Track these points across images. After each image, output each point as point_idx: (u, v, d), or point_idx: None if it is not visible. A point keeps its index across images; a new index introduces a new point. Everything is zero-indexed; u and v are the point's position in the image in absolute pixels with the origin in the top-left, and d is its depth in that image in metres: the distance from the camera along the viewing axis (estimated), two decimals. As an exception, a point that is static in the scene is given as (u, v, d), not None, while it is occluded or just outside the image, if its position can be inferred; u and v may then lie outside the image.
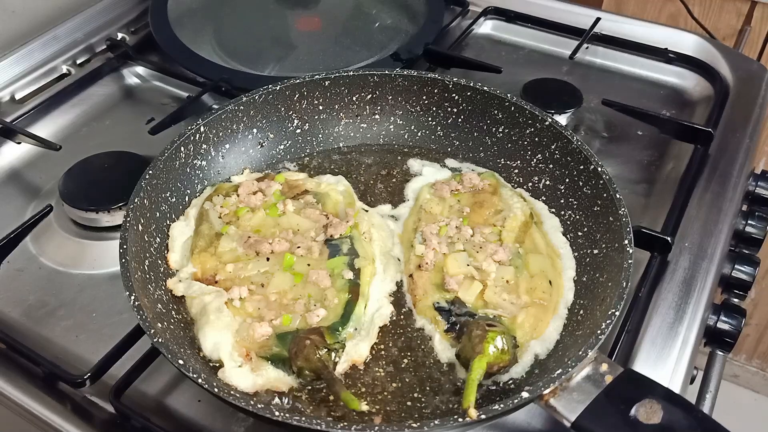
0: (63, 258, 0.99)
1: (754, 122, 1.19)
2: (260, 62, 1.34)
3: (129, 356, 0.82)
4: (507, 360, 0.77)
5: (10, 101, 1.24)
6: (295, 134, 1.06)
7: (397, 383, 0.79)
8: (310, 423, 0.65)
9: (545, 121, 0.97)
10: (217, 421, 0.80)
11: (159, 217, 0.90)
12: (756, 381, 2.43)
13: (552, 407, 0.69)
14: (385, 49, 1.34)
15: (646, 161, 1.14)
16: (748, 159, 1.13)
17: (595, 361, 0.71)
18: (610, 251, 0.84)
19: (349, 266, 0.87)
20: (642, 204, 1.07)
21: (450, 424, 0.67)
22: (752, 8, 1.63)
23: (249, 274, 0.86)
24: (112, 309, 0.91)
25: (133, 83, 1.33)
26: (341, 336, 0.80)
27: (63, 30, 1.32)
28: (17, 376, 0.84)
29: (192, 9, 1.46)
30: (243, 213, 0.93)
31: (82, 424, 0.79)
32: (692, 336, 0.88)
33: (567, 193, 0.95)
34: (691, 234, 1.00)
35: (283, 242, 0.89)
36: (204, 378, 0.68)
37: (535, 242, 0.91)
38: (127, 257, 0.79)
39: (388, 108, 1.08)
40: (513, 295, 0.84)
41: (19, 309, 0.92)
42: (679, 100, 1.28)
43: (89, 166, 1.07)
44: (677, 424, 0.66)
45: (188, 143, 0.95)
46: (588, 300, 0.84)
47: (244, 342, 0.79)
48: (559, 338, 0.82)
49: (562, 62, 1.35)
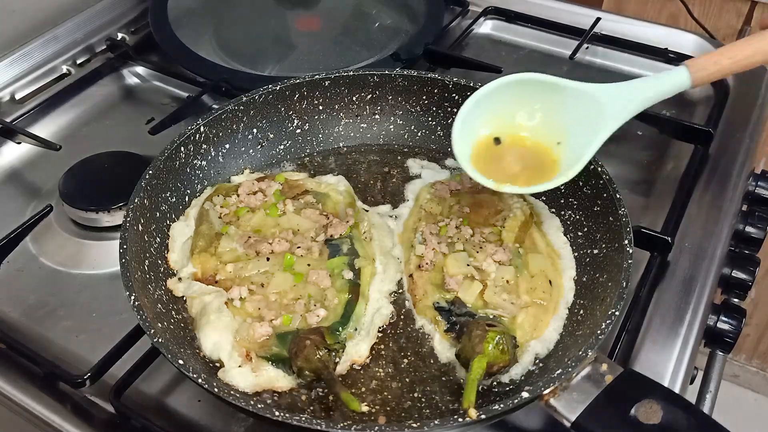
0: (63, 258, 0.99)
1: (754, 122, 1.19)
2: (260, 62, 1.34)
3: (129, 356, 0.82)
4: (507, 360, 0.77)
5: (10, 101, 1.24)
6: (295, 134, 1.06)
7: (397, 383, 0.79)
8: (310, 423, 0.65)
9: (545, 121, 0.97)
10: (217, 421, 0.80)
11: (159, 217, 0.90)
12: (756, 381, 2.43)
13: (552, 407, 0.69)
14: (385, 49, 1.34)
15: (646, 161, 1.14)
16: (748, 159, 1.13)
17: (595, 361, 0.71)
18: (610, 251, 0.84)
19: (349, 266, 0.87)
20: (642, 204, 1.07)
21: (450, 424, 0.67)
22: (752, 8, 1.63)
23: (249, 274, 0.86)
24: (112, 309, 0.91)
25: (133, 83, 1.33)
26: (341, 336, 0.80)
27: (63, 30, 1.32)
28: (17, 376, 0.84)
29: (192, 9, 1.46)
30: (243, 213, 0.93)
31: (82, 424, 0.80)
32: (692, 336, 0.88)
33: (567, 193, 0.95)
34: (691, 234, 1.00)
35: (283, 242, 0.89)
36: (204, 378, 0.68)
37: (535, 242, 0.91)
38: (127, 257, 0.79)
39: (388, 108, 1.08)
40: (513, 295, 0.84)
41: (19, 309, 0.92)
42: (679, 100, 1.27)
43: (89, 166, 1.07)
44: (677, 424, 0.66)
45: (188, 143, 0.95)
46: (588, 300, 0.84)
47: (244, 342, 0.79)
48: (559, 338, 0.82)
49: (562, 62, 1.35)
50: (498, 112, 0.85)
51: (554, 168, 0.82)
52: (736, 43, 0.78)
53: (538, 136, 0.85)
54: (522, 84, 0.84)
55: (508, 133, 0.85)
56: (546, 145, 0.84)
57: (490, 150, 0.85)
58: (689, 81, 0.79)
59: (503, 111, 0.85)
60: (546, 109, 0.85)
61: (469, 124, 0.84)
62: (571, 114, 0.83)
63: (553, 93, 0.84)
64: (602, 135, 0.81)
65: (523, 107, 0.85)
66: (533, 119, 0.84)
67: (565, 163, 0.82)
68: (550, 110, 0.85)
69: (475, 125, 0.86)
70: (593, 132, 0.81)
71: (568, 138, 0.84)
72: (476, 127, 0.86)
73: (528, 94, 0.84)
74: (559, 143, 0.83)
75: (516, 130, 0.85)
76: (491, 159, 0.85)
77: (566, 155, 0.83)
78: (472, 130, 0.85)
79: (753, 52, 0.77)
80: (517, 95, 0.84)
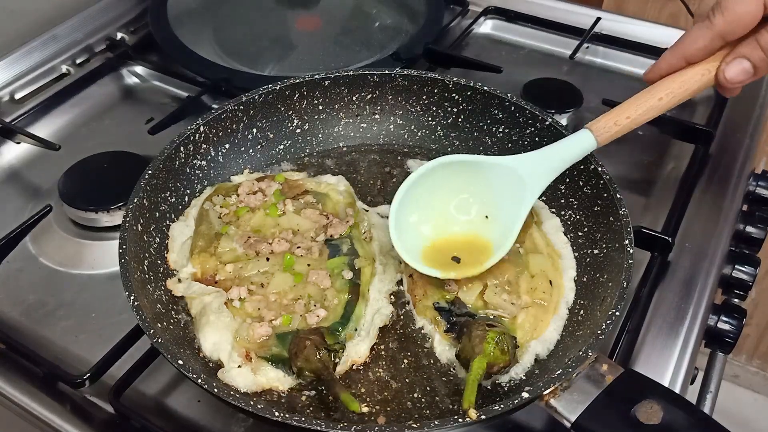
0: (62, 258, 0.99)
1: (754, 122, 1.19)
2: (260, 62, 1.34)
3: (129, 356, 0.82)
4: (507, 360, 0.77)
5: (9, 101, 1.24)
6: (295, 134, 1.06)
7: (397, 383, 0.79)
8: (310, 423, 0.65)
9: (545, 121, 0.97)
10: (217, 422, 0.80)
11: (158, 217, 0.90)
12: (756, 381, 2.43)
13: (552, 407, 0.69)
14: (385, 49, 1.34)
15: (647, 161, 1.14)
16: (748, 159, 1.13)
17: (596, 362, 0.71)
18: (611, 251, 0.84)
19: (349, 266, 0.87)
20: (642, 204, 1.07)
21: (450, 424, 0.67)
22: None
23: (249, 274, 0.86)
24: (112, 309, 0.91)
25: (132, 83, 1.33)
26: (341, 336, 0.80)
27: (62, 30, 1.32)
28: (17, 376, 0.84)
29: (192, 9, 1.46)
30: (243, 213, 0.93)
31: (81, 425, 0.79)
32: (693, 336, 0.88)
33: (567, 193, 0.95)
34: (691, 234, 1.00)
35: (283, 242, 0.89)
36: (204, 378, 0.68)
37: (535, 242, 0.91)
38: (126, 257, 0.79)
39: (388, 108, 1.08)
40: (513, 295, 0.84)
41: (19, 309, 0.92)
42: (679, 100, 1.28)
43: (89, 166, 1.07)
44: (677, 424, 0.66)
45: (188, 143, 0.95)
46: (588, 300, 0.84)
47: (243, 342, 0.79)
48: (560, 338, 0.82)
49: (563, 62, 1.35)
50: (431, 205, 0.89)
51: (489, 249, 0.86)
52: (630, 101, 0.84)
53: (471, 226, 0.89)
54: (445, 168, 0.87)
55: (444, 230, 0.89)
56: (479, 233, 0.88)
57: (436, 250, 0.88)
58: (595, 143, 0.84)
59: (436, 205, 0.89)
60: (472, 189, 0.89)
61: (405, 222, 0.86)
62: (496, 188, 0.87)
63: (477, 171, 0.87)
64: (525, 206, 0.85)
65: (454, 195, 0.89)
66: (469, 213, 0.89)
67: (496, 242, 0.86)
68: (477, 188, 0.88)
69: (412, 224, 0.88)
70: (518, 203, 0.86)
71: (496, 212, 0.88)
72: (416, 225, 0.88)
73: (453, 176, 0.88)
74: (487, 217, 0.88)
75: (452, 226, 0.89)
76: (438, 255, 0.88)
77: (496, 231, 0.87)
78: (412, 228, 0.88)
79: (646, 109, 0.83)
80: (445, 179, 0.88)
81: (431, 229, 0.88)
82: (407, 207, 0.86)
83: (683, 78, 0.82)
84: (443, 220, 0.89)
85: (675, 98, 0.83)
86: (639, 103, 0.83)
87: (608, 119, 0.84)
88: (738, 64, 0.79)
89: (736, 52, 0.79)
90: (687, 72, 0.82)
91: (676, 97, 0.82)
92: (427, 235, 0.88)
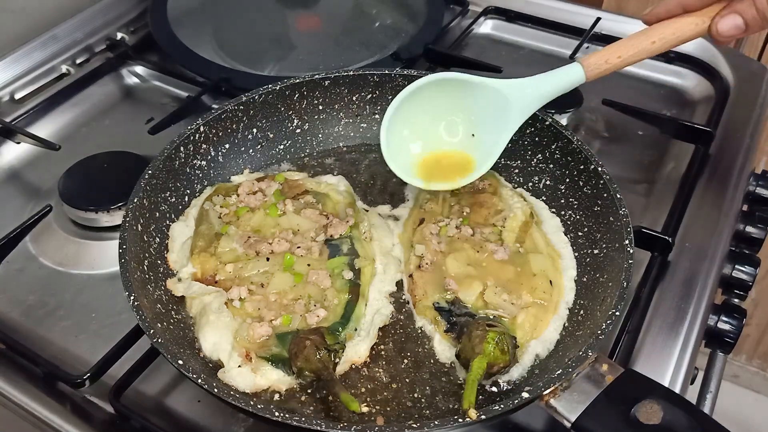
0: (62, 258, 0.99)
1: (754, 122, 1.19)
2: (260, 62, 1.34)
3: (128, 356, 0.82)
4: (507, 360, 0.77)
5: (9, 101, 1.23)
6: (295, 134, 1.06)
7: (397, 383, 0.79)
8: (310, 423, 0.65)
9: (545, 121, 0.97)
10: (217, 421, 0.80)
11: (158, 217, 0.90)
12: (756, 381, 2.43)
13: (552, 407, 0.69)
14: (385, 49, 1.34)
15: (647, 161, 1.14)
16: (748, 159, 1.13)
17: (596, 362, 0.71)
18: (611, 251, 0.84)
19: (349, 266, 0.87)
20: (642, 204, 1.07)
21: (450, 424, 0.67)
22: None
23: (249, 274, 0.86)
24: (112, 309, 0.91)
25: (132, 83, 1.33)
26: (341, 336, 0.80)
27: (62, 30, 1.32)
28: (17, 376, 0.84)
29: (192, 9, 1.46)
30: (243, 213, 0.93)
31: (81, 425, 0.79)
32: (693, 336, 0.88)
33: (567, 193, 0.95)
34: (691, 234, 1.00)
35: (283, 242, 0.88)
36: (204, 378, 0.68)
37: (535, 242, 0.91)
38: (126, 257, 0.79)
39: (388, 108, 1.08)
40: (513, 295, 0.84)
41: (19, 309, 0.92)
42: (679, 100, 1.28)
43: (89, 166, 1.07)
44: (677, 424, 0.66)
45: (188, 143, 0.95)
46: (588, 300, 0.84)
47: (243, 342, 0.79)
48: (560, 338, 0.82)
49: (563, 62, 1.33)
50: (421, 124, 0.94)
51: (472, 165, 0.93)
52: (623, 42, 0.86)
53: (458, 144, 0.94)
54: (436, 85, 0.91)
55: (433, 147, 0.95)
56: (465, 150, 0.94)
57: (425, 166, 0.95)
58: (584, 77, 0.87)
59: (426, 121, 0.94)
60: (461, 108, 0.93)
61: (397, 136, 0.93)
62: (482, 109, 0.91)
63: (465, 90, 0.91)
64: (510, 128, 0.89)
65: (443, 115, 0.94)
66: (456, 133, 0.94)
67: (479, 159, 0.92)
68: (465, 107, 0.92)
69: (403, 138, 0.94)
70: (503, 126, 0.89)
71: (482, 132, 0.92)
72: (406, 141, 0.94)
73: (443, 95, 0.92)
74: (474, 135, 0.92)
75: (440, 144, 0.95)
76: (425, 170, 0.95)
77: (481, 150, 0.92)
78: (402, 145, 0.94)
79: (638, 51, 0.86)
80: (434, 97, 0.92)
81: (420, 147, 0.94)
82: (399, 122, 0.91)
83: (677, 25, 0.85)
84: (432, 138, 0.93)
85: (667, 44, 0.85)
86: (631, 44, 0.86)
87: (600, 56, 0.86)
88: (731, 19, 0.81)
89: (732, 7, 0.81)
90: (681, 20, 0.84)
91: (668, 42, 0.85)
92: (416, 152, 0.94)
